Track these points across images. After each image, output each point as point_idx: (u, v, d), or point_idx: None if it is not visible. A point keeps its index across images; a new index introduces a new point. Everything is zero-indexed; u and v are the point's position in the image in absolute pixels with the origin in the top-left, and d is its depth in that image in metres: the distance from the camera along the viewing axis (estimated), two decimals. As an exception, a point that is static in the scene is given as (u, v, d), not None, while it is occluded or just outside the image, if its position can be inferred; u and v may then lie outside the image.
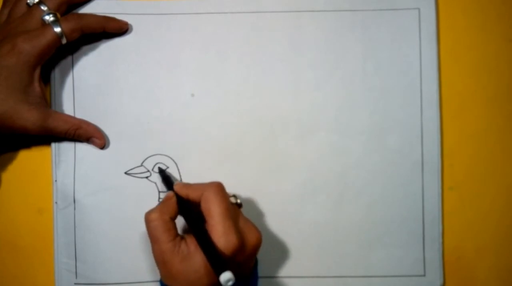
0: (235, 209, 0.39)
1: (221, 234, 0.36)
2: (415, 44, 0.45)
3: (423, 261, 0.45)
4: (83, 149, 0.45)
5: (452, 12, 0.46)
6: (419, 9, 0.45)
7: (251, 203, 0.45)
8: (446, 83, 0.45)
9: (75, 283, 0.45)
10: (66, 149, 0.45)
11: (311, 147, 0.45)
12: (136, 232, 0.44)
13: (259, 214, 0.45)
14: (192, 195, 0.39)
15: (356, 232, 0.45)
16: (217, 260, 0.35)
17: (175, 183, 0.41)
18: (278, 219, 0.45)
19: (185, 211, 0.39)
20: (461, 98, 0.46)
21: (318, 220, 0.45)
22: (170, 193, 0.40)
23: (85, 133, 0.44)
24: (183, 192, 0.40)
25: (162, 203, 0.39)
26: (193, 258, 0.36)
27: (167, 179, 0.43)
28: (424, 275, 0.45)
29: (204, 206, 0.38)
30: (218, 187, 0.38)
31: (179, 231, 0.39)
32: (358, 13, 0.45)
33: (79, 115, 0.45)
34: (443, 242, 0.45)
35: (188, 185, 0.40)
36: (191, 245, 0.37)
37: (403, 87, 0.45)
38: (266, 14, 0.45)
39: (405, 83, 0.45)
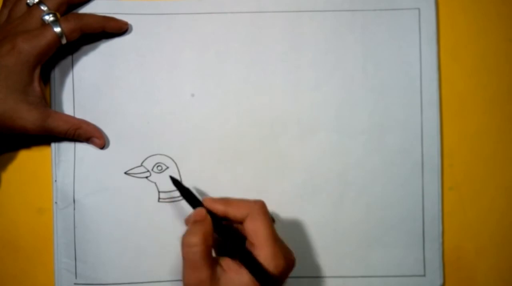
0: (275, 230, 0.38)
1: (271, 257, 0.35)
2: (415, 44, 0.45)
3: (423, 261, 0.45)
4: (83, 148, 0.45)
5: (452, 12, 0.46)
6: (419, 9, 0.45)
7: (251, 203, 0.45)
8: (446, 83, 0.45)
9: (75, 283, 0.44)
10: (66, 149, 0.45)
11: (311, 147, 0.45)
12: (136, 232, 0.44)
13: (259, 214, 0.45)
14: (233, 212, 0.37)
15: (356, 232, 0.45)
16: (268, 284, 0.34)
17: (203, 198, 0.39)
18: (278, 219, 0.45)
19: (223, 230, 0.37)
20: (461, 98, 0.46)
21: (318, 220, 0.45)
22: (202, 211, 0.38)
23: (85, 133, 0.44)
24: (219, 209, 0.38)
25: (199, 225, 0.37)
26: (234, 284, 0.35)
27: (189, 194, 0.40)
28: (424, 275, 0.45)
29: (250, 226, 0.36)
30: (265, 207, 0.37)
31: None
32: (358, 13, 0.45)
33: (79, 115, 0.45)
34: (443, 242, 0.45)
35: (224, 201, 0.38)
36: (230, 272, 0.36)
37: (403, 87, 0.45)
38: (266, 14, 0.45)
39: (405, 83, 0.45)
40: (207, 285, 0.35)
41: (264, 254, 0.35)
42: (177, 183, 0.41)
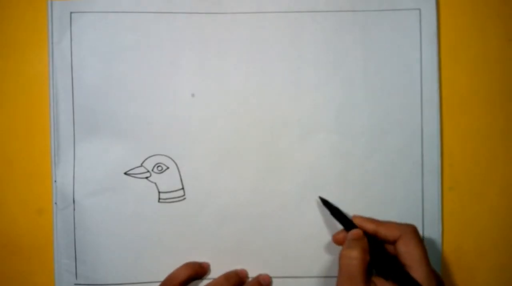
0: None
1: (425, 278, 0.37)
2: (416, 45, 0.45)
3: (423, 261, 0.45)
4: (83, 149, 0.45)
5: (452, 13, 0.46)
6: (419, 9, 0.45)
7: (251, 203, 0.45)
8: (446, 83, 0.46)
9: (75, 284, 0.44)
10: (65, 149, 0.45)
11: (311, 147, 0.45)
12: (136, 232, 0.44)
13: (259, 214, 0.45)
14: (384, 232, 0.40)
15: (356, 232, 0.45)
16: None
17: (353, 216, 0.42)
18: (278, 219, 0.45)
19: (376, 251, 0.40)
20: (461, 98, 0.46)
21: (318, 220, 0.45)
22: (360, 231, 0.41)
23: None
24: (370, 227, 0.41)
25: (357, 241, 0.40)
26: None
27: (339, 213, 0.43)
28: (424, 275, 0.45)
29: (403, 248, 0.38)
30: (417, 231, 0.39)
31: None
32: (359, 14, 0.45)
33: (78, 115, 0.45)
34: (443, 242, 0.45)
35: (374, 220, 0.42)
36: None
37: (404, 87, 0.45)
38: (266, 15, 0.45)
39: (406, 83, 0.45)
40: None
41: (419, 275, 0.37)
42: (326, 203, 0.44)
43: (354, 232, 0.41)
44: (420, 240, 0.39)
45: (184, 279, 0.43)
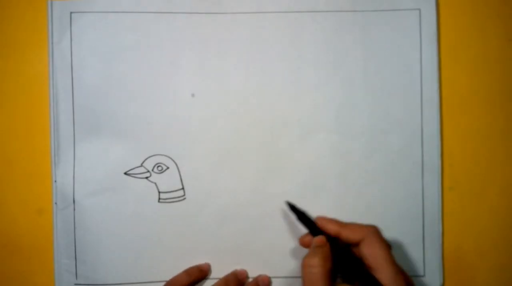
0: None
1: (393, 278, 0.36)
2: (416, 45, 0.45)
3: (423, 261, 0.45)
4: (83, 149, 0.45)
5: (452, 13, 0.46)
6: (419, 9, 0.45)
7: (251, 203, 0.45)
8: (446, 83, 0.46)
9: (75, 284, 0.44)
10: (65, 149, 0.45)
11: (311, 147, 0.45)
12: (136, 232, 0.44)
13: (260, 215, 0.45)
14: (347, 234, 0.39)
15: (356, 232, 0.45)
16: None
17: (317, 217, 0.41)
18: (279, 219, 0.45)
19: (342, 256, 0.39)
20: (461, 98, 0.46)
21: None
22: (323, 238, 0.40)
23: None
24: (332, 229, 0.40)
25: (319, 248, 0.39)
26: None
27: (305, 217, 0.42)
28: (423, 276, 0.45)
29: (367, 250, 0.38)
30: (380, 232, 0.39)
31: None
32: (359, 14, 0.45)
33: (78, 115, 0.45)
34: (443, 242, 0.45)
35: (337, 222, 0.40)
36: None
37: (404, 87, 0.45)
38: (266, 15, 0.45)
39: (406, 83, 0.45)
40: None
41: (385, 276, 0.36)
42: (293, 208, 0.42)
43: (316, 239, 0.40)
44: (383, 241, 0.38)
45: (184, 285, 0.43)
